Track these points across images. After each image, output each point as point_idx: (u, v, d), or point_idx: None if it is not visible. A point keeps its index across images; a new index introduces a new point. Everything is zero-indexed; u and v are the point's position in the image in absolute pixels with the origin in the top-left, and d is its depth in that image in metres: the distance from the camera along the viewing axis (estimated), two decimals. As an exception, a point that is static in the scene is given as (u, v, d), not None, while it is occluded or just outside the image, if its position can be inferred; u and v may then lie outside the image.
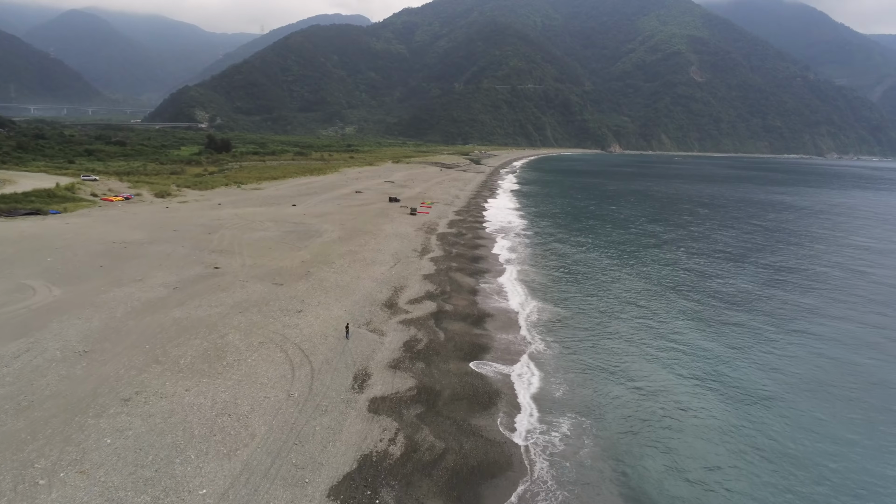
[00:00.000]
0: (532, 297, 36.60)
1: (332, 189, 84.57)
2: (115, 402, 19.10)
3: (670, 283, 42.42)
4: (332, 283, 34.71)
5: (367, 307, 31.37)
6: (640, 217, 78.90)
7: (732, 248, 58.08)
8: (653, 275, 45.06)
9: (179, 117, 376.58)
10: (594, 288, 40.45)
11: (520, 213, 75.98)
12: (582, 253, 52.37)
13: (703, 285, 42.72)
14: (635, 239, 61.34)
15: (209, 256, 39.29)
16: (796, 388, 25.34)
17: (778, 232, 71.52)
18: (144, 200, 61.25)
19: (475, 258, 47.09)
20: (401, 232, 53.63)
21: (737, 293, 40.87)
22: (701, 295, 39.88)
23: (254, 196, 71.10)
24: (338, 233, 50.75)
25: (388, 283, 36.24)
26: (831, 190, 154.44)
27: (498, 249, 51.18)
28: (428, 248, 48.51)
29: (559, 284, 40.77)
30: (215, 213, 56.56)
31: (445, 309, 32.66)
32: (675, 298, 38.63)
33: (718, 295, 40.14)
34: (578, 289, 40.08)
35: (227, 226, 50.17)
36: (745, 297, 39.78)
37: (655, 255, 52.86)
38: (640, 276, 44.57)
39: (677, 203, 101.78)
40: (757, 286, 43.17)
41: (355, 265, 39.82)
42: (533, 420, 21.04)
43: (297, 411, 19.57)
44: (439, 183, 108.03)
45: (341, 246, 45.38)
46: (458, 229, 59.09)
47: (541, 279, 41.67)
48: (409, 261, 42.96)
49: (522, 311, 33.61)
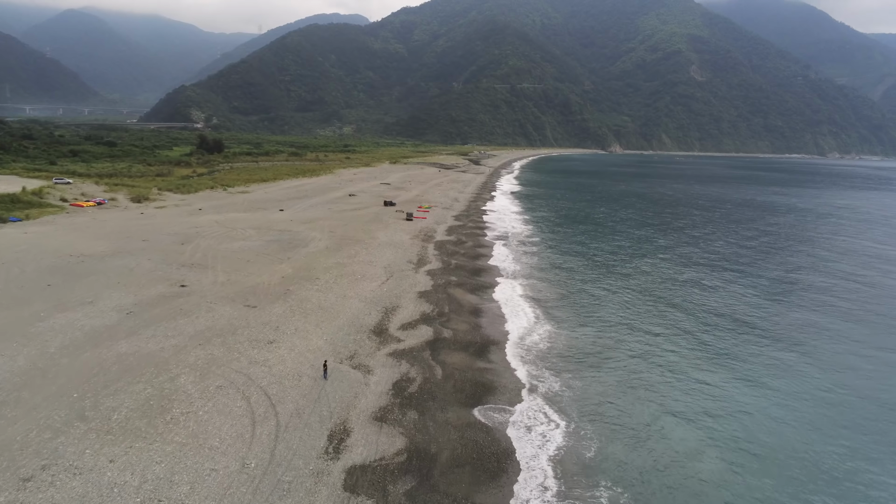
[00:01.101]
0: (542, 320, 32.18)
1: (325, 192, 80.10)
2: (11, 483, 14.64)
3: (691, 306, 37.96)
4: (314, 305, 30.27)
5: (353, 335, 26.93)
6: (648, 224, 74.51)
7: (751, 263, 53.73)
8: (673, 296, 40.63)
9: (175, 117, 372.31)
10: (610, 306, 36.00)
11: (523, 218, 71.57)
12: (592, 264, 47.91)
13: (727, 307, 38.33)
14: (647, 249, 56.88)
15: (177, 272, 34.82)
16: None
17: (799, 242, 67.19)
18: (119, 206, 56.71)
19: (476, 270, 42.66)
20: (395, 240, 49.20)
21: (772, 325, 36.52)
22: (726, 320, 35.50)
23: (239, 200, 66.62)
24: (326, 242, 46.31)
25: (379, 303, 31.81)
26: (841, 191, 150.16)
27: (501, 260, 46.75)
28: (425, 258, 44.08)
29: (570, 304, 36.24)
30: (194, 219, 52.07)
31: (443, 336, 28.22)
32: (697, 326, 34.23)
33: (750, 323, 35.77)
34: (593, 308, 35.64)
35: (205, 234, 45.70)
36: (787, 332, 35.43)
37: (671, 270, 48.40)
38: (658, 296, 40.13)
39: (685, 206, 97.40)
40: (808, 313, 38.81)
41: (342, 281, 35.39)
42: (555, 495, 16.63)
43: (251, 492, 15.13)
44: (437, 185, 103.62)
45: (328, 257, 40.92)
46: (457, 236, 54.66)
47: (550, 296, 37.21)
48: (403, 274, 38.53)
49: (533, 338, 29.17)
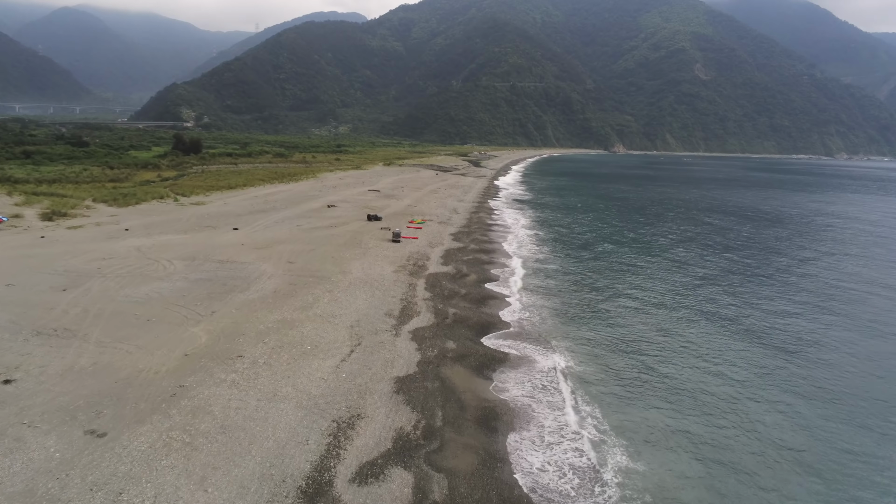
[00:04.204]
0: (608, 443, 19.50)
1: (299, 202, 67.57)
2: None
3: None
4: (213, 425, 17.75)
5: (262, 507, 14.48)
6: (689, 241, 62.11)
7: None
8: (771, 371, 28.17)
9: (165, 116, 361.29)
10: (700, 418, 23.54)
11: (536, 236, 59.00)
12: (643, 314, 35.30)
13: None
14: (703, 284, 44.44)
15: (20, 347, 22.35)
16: None
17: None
18: (19, 226, 43.95)
19: (484, 326, 30.11)
20: (373, 275, 36.71)
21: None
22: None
23: (187, 215, 54.00)
24: (278, 280, 33.84)
25: (328, 413, 19.28)
26: (886, 196, 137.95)
27: (517, 308, 33.73)
28: (411, 307, 31.59)
29: (640, 406, 23.46)
30: (109, 246, 39.48)
31: (432, 498, 15.73)
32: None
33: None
34: (675, 411, 23.18)
35: (108, 272, 33.18)
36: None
37: (742, 319, 35.97)
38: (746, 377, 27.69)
39: (726, 217, 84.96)
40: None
41: (280, 358, 22.96)
42: None
43: None
44: (434, 192, 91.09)
45: (272, 310, 28.46)
46: (456, 266, 42.16)
47: (604, 384, 24.53)
48: (376, 341, 26.06)
49: (601, 492, 16.65)
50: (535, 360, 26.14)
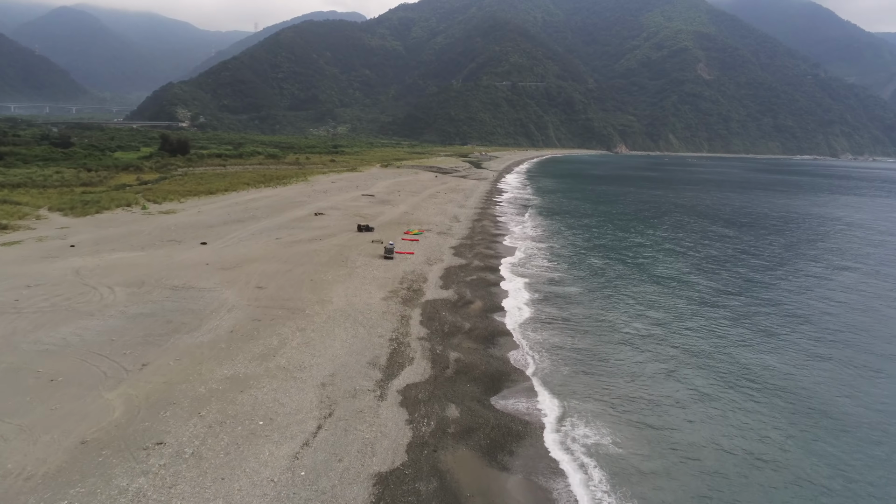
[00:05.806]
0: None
1: (284, 210, 61.12)
2: None
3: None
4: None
5: None
6: (717, 257, 55.72)
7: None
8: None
9: (161, 116, 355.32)
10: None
11: (549, 249, 52.43)
12: (685, 357, 28.92)
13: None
14: (744, 319, 37.95)
15: None
16: None
17: None
18: (-58, 241, 37.66)
19: (495, 378, 23.62)
20: (359, 305, 30.28)
21: None
22: None
23: (151, 227, 47.48)
24: (239, 313, 27.41)
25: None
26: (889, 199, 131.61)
27: (531, 353, 27.17)
28: (402, 350, 25.14)
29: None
30: (41, 267, 32.99)
31: None
32: None
33: None
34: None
35: (27, 304, 26.73)
36: None
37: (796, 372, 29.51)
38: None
39: (743, 221, 78.56)
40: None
41: (217, 444, 16.53)
42: None
43: None
44: (433, 196, 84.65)
45: (222, 360, 22.01)
46: (458, 290, 35.70)
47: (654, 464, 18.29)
48: (354, 408, 19.60)
49: None
50: (566, 430, 19.69)
